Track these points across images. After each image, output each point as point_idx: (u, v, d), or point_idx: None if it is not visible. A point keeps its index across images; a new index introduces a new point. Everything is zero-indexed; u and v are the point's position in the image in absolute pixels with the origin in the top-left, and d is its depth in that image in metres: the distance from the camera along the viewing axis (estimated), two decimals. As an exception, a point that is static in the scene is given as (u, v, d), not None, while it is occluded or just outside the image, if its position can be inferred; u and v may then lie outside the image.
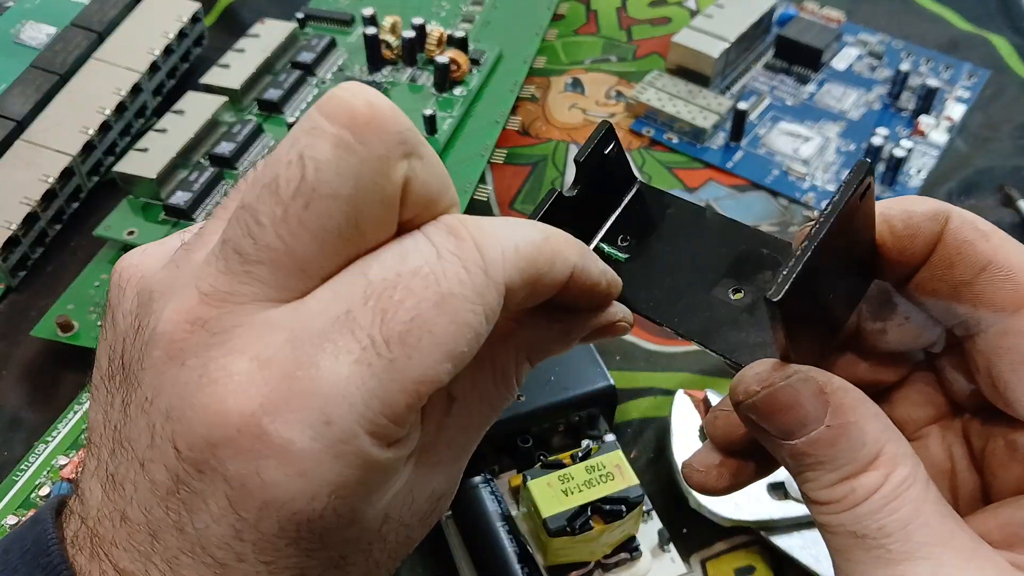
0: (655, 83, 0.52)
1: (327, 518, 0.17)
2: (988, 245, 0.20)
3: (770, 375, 0.20)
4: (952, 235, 0.20)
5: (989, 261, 0.20)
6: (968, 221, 0.21)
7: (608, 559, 0.33)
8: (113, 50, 0.47)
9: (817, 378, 0.20)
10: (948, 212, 0.21)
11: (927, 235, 0.21)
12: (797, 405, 0.19)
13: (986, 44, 0.56)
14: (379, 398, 0.17)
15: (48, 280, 0.43)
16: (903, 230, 0.21)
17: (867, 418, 0.19)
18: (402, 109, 0.18)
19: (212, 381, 0.16)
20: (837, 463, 0.19)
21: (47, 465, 0.35)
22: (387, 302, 0.17)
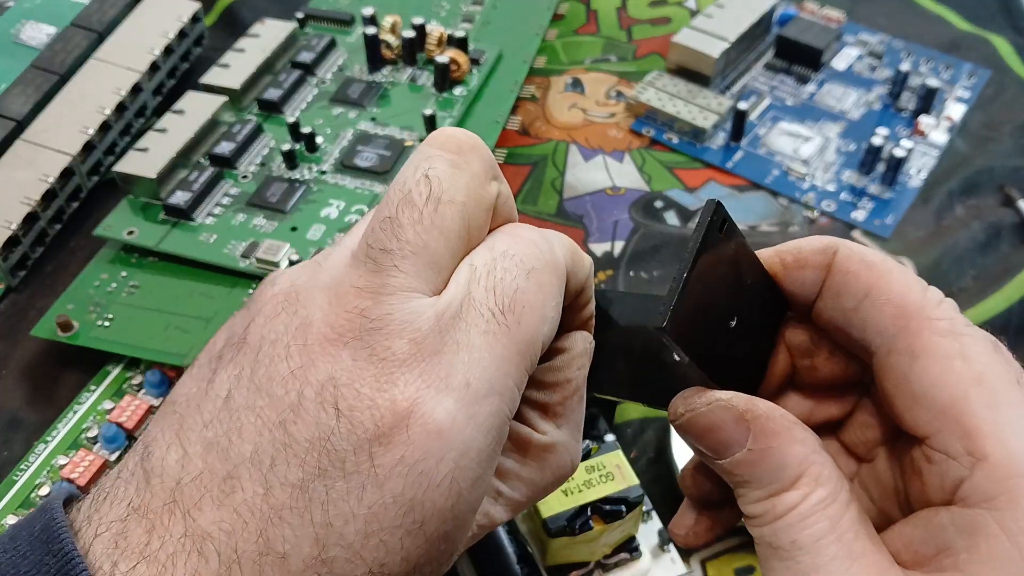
0: (655, 83, 0.52)
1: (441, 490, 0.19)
2: (871, 274, 0.22)
3: (693, 400, 0.22)
4: (838, 267, 0.23)
5: (871, 288, 0.22)
6: (855, 253, 0.23)
7: (608, 559, 0.33)
8: (113, 50, 0.47)
9: (738, 405, 0.22)
10: (836, 246, 0.23)
11: (816, 267, 0.23)
12: (718, 429, 0.22)
13: (986, 44, 0.56)
14: (504, 359, 0.20)
15: (48, 280, 0.43)
16: (793, 263, 0.23)
17: (790, 443, 0.21)
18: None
19: (381, 359, 0.20)
20: (761, 482, 0.21)
21: (47, 465, 0.35)
22: (492, 281, 0.21)
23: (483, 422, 0.20)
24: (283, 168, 0.44)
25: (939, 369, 0.21)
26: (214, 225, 0.41)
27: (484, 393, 0.20)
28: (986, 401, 0.20)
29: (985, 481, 0.20)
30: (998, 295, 0.42)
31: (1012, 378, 0.21)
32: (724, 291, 0.23)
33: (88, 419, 0.37)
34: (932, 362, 0.21)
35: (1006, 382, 0.21)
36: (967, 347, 0.21)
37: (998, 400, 0.20)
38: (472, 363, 0.20)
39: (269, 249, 0.40)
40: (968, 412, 0.20)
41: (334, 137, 0.46)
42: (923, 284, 0.22)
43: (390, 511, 0.19)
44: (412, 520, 0.19)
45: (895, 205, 0.47)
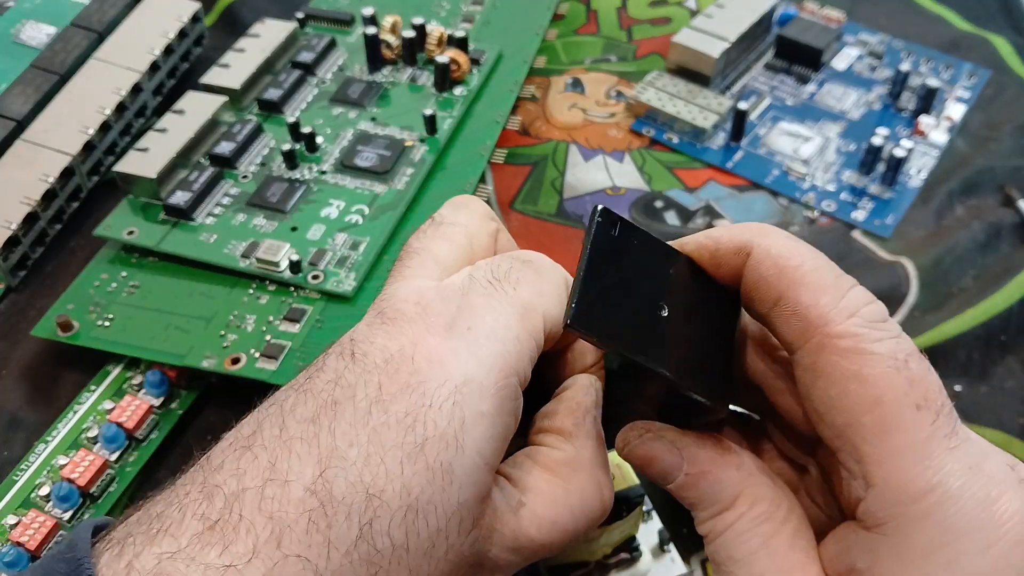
0: (655, 83, 0.52)
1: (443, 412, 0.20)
2: (780, 280, 0.22)
3: (627, 433, 0.25)
4: (751, 270, 0.22)
5: (780, 296, 0.22)
6: (770, 255, 0.22)
7: (608, 559, 0.32)
8: (113, 50, 0.47)
9: (667, 435, 0.24)
10: (750, 246, 0.23)
11: (731, 267, 0.23)
12: (654, 458, 0.24)
13: (986, 44, 0.56)
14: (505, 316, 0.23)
15: (48, 280, 0.43)
16: (709, 260, 0.24)
17: (724, 467, 0.23)
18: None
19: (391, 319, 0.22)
20: (705, 503, 0.23)
21: (47, 465, 0.35)
22: (491, 265, 0.24)
23: (484, 359, 0.22)
24: (283, 168, 0.44)
25: (836, 392, 0.21)
26: (214, 225, 0.41)
27: (485, 335, 0.22)
28: (877, 428, 0.20)
29: (876, 507, 0.20)
30: (998, 295, 0.42)
31: (911, 401, 0.20)
32: (642, 284, 0.23)
33: (88, 419, 0.37)
34: (830, 384, 0.21)
35: (903, 406, 0.20)
36: (865, 367, 0.20)
37: (889, 426, 0.20)
38: (473, 313, 0.22)
39: (269, 249, 0.40)
40: (859, 438, 0.20)
41: (334, 137, 0.45)
42: (840, 288, 0.21)
43: (392, 430, 0.20)
44: (412, 441, 0.20)
45: (895, 205, 0.47)
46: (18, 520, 0.33)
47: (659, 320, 0.23)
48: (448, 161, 0.45)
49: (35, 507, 0.34)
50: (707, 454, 0.23)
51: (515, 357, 0.22)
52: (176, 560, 0.19)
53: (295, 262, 0.39)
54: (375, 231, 0.41)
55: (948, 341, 0.41)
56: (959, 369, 0.40)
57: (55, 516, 0.34)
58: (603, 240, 0.23)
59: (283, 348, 0.37)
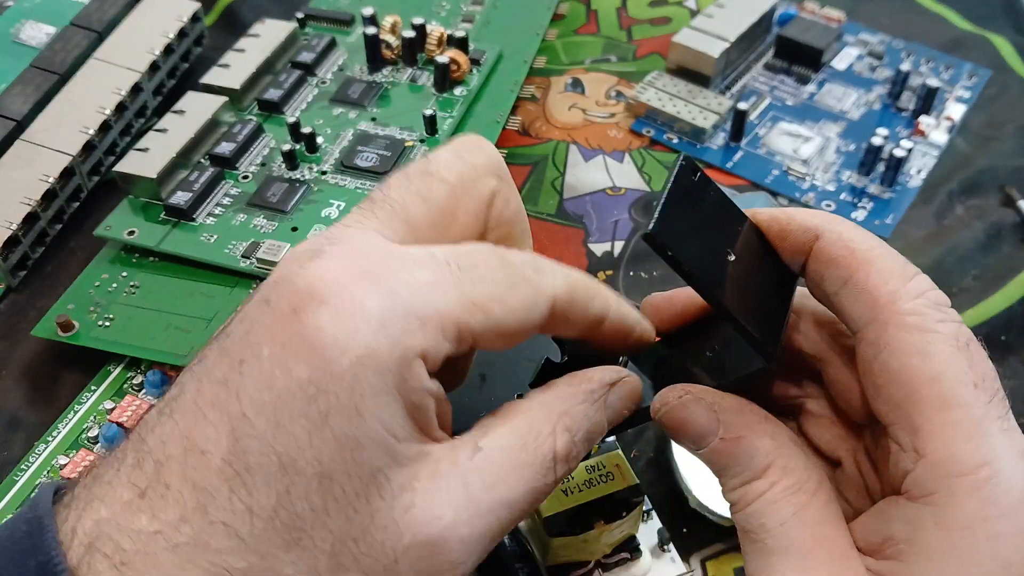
0: (655, 83, 0.52)
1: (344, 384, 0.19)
2: (851, 261, 0.23)
3: (667, 394, 0.24)
4: (820, 252, 0.23)
5: (850, 276, 0.23)
6: (840, 238, 0.23)
7: (608, 559, 0.33)
8: (113, 50, 0.47)
9: (707, 398, 0.24)
10: (820, 230, 0.24)
11: (797, 244, 0.24)
12: (691, 421, 0.24)
13: (987, 44, 0.56)
14: (439, 298, 0.20)
15: (48, 280, 0.43)
16: (777, 233, 0.25)
17: (760, 435, 0.23)
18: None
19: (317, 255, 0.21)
20: (735, 470, 0.23)
21: (47, 465, 0.35)
22: (462, 254, 0.22)
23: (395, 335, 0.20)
24: (283, 168, 0.44)
25: (898, 365, 0.21)
26: (214, 225, 0.41)
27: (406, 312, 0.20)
28: (936, 401, 0.21)
29: (925, 477, 0.21)
30: (999, 295, 0.42)
31: (969, 379, 0.21)
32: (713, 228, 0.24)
33: (89, 419, 0.37)
34: (893, 357, 0.22)
35: (961, 383, 0.21)
36: (929, 345, 0.21)
37: (947, 401, 0.21)
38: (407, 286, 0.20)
39: (270, 249, 0.40)
40: (917, 410, 0.21)
41: (334, 137, 0.45)
42: (906, 272, 0.22)
43: (296, 399, 0.19)
44: (316, 411, 0.19)
45: (895, 205, 0.47)
46: None
47: (726, 262, 0.23)
48: (448, 161, 0.45)
49: (35, 507, 0.34)
50: (744, 420, 0.23)
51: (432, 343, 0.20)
52: (110, 524, 0.20)
53: (295, 262, 0.39)
54: (375, 231, 0.41)
55: (948, 341, 0.40)
56: (959, 369, 0.40)
57: (55, 516, 0.34)
58: (684, 180, 0.24)
59: (283, 348, 0.37)
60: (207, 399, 0.20)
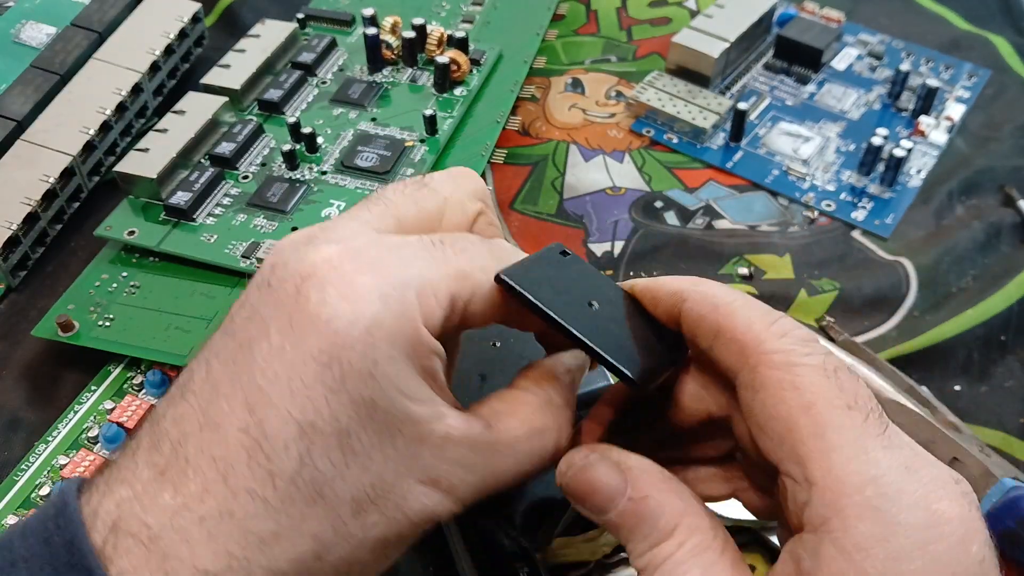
0: (655, 83, 0.52)
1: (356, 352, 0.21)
2: (717, 315, 0.24)
3: (571, 457, 0.24)
4: (690, 312, 0.24)
5: (719, 329, 0.24)
6: (704, 297, 0.24)
7: (608, 559, 0.33)
8: (113, 50, 0.47)
9: (613, 456, 0.24)
10: (685, 293, 0.25)
11: (668, 309, 0.25)
12: (599, 482, 0.24)
13: (987, 44, 0.56)
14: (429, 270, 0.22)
15: (48, 280, 0.43)
16: (650, 303, 0.26)
17: (666, 493, 0.23)
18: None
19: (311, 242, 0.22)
20: (642, 532, 0.23)
21: (47, 465, 0.35)
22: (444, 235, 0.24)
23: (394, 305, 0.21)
24: (284, 168, 0.44)
25: (773, 401, 0.22)
26: (215, 225, 0.41)
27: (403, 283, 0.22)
28: (813, 428, 0.21)
29: (819, 504, 0.21)
30: (998, 295, 0.42)
31: (842, 403, 0.21)
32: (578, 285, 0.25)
33: (89, 419, 0.37)
34: (767, 395, 0.22)
35: (834, 407, 0.21)
36: (798, 377, 0.22)
37: (824, 426, 0.21)
38: (401, 261, 0.22)
39: (270, 249, 0.40)
40: (798, 441, 0.21)
41: (334, 137, 0.46)
42: (769, 317, 0.23)
43: (310, 367, 0.21)
44: (332, 377, 0.21)
45: (895, 205, 0.47)
46: (18, 520, 0.33)
47: (587, 308, 0.25)
48: (448, 161, 0.45)
49: (35, 507, 0.34)
50: (651, 479, 0.23)
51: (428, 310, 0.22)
52: (133, 504, 0.21)
53: (295, 262, 0.39)
54: (375, 231, 0.41)
55: (948, 341, 0.41)
56: (959, 369, 0.40)
57: (56, 516, 0.34)
58: (551, 253, 0.26)
59: (283, 348, 0.37)
60: (218, 377, 0.21)
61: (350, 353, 0.21)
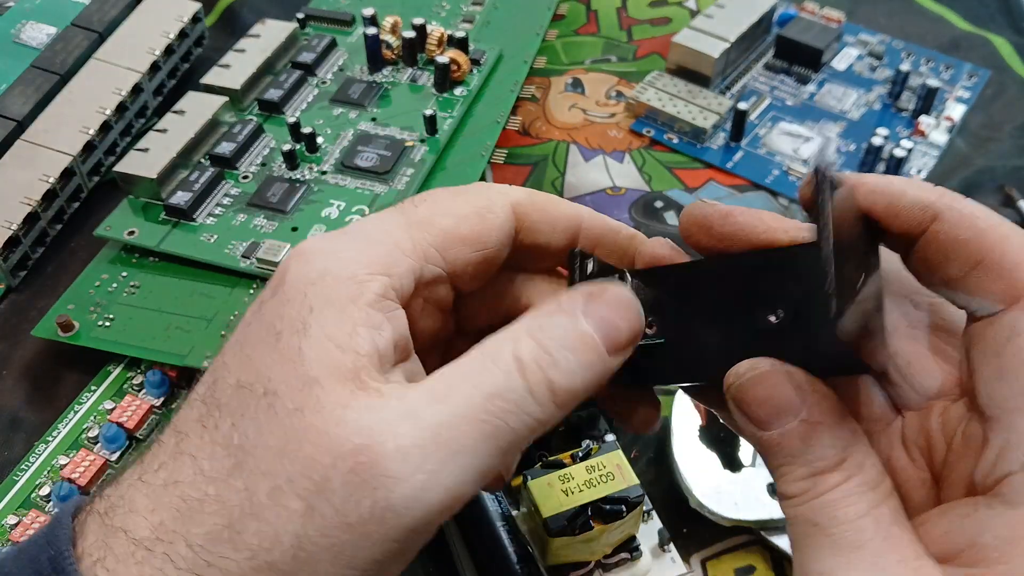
0: (655, 83, 0.52)
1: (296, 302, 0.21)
2: (983, 242, 0.21)
3: (759, 362, 0.21)
4: (943, 233, 0.21)
5: (982, 259, 0.21)
6: (965, 217, 0.21)
7: (608, 559, 0.32)
8: (114, 50, 0.47)
9: (800, 376, 0.21)
10: (938, 211, 0.21)
11: (910, 223, 0.21)
12: (775, 397, 0.21)
13: (987, 44, 0.56)
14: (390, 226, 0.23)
15: (48, 280, 0.43)
16: (884, 210, 0.22)
17: (840, 423, 0.21)
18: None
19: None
20: (805, 459, 0.21)
21: (47, 465, 0.35)
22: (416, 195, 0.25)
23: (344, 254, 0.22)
24: (284, 168, 0.44)
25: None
26: (215, 225, 0.41)
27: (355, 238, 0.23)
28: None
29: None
30: (998, 295, 0.42)
31: None
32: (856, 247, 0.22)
33: (89, 419, 0.37)
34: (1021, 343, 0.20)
35: None
36: None
37: None
38: (357, 225, 0.23)
39: (270, 249, 0.40)
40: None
41: (335, 137, 0.46)
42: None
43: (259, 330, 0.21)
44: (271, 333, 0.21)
45: (895, 205, 0.47)
46: (18, 520, 0.33)
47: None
48: (448, 161, 0.45)
49: (35, 507, 0.34)
50: (828, 406, 0.21)
51: (385, 257, 0.22)
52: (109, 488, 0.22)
53: (295, 262, 0.39)
54: (375, 231, 0.41)
55: (948, 341, 0.40)
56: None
57: (56, 516, 0.34)
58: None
59: (283, 348, 0.37)
60: (207, 372, 0.22)
61: (288, 306, 0.21)
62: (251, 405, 0.20)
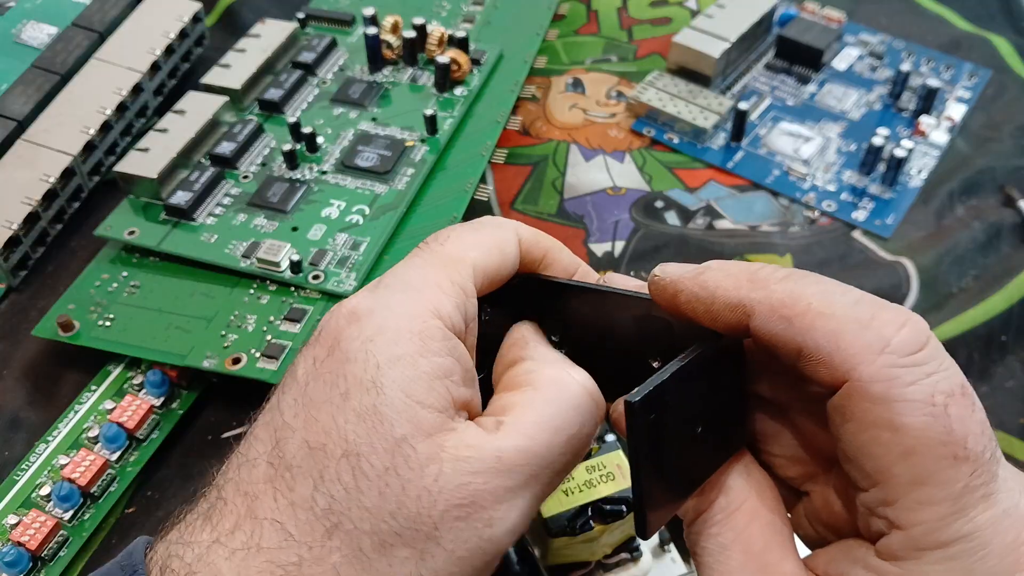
0: (656, 83, 0.52)
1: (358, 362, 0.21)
2: (795, 331, 0.20)
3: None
4: (760, 330, 0.21)
5: (799, 349, 0.20)
6: (775, 309, 0.20)
7: (608, 559, 0.33)
8: (114, 50, 0.47)
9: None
10: (749, 306, 0.21)
11: (731, 323, 0.21)
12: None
13: (987, 44, 0.56)
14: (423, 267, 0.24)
15: (49, 280, 0.43)
16: (704, 314, 0.22)
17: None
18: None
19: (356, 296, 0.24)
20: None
21: (47, 465, 0.35)
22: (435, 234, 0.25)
23: (395, 307, 0.22)
24: (284, 168, 0.44)
25: (867, 438, 0.19)
26: (215, 225, 0.41)
27: (399, 288, 0.23)
28: (910, 478, 0.19)
29: (897, 546, 0.19)
30: (999, 295, 0.42)
31: (948, 452, 0.19)
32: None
33: (89, 419, 0.37)
34: (860, 428, 0.19)
35: (939, 457, 0.19)
36: (899, 416, 0.19)
37: (923, 478, 0.19)
38: (392, 274, 0.24)
39: (270, 249, 0.40)
40: (889, 484, 0.19)
41: (335, 137, 0.46)
42: (860, 320, 0.20)
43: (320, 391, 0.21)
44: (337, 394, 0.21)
45: (896, 205, 0.47)
46: (19, 520, 0.33)
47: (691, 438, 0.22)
48: (449, 161, 0.45)
49: (36, 507, 0.34)
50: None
51: (432, 302, 0.23)
52: (178, 546, 0.21)
53: (296, 262, 0.39)
54: (375, 231, 0.41)
55: (948, 341, 0.40)
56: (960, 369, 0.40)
57: (56, 516, 0.34)
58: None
59: (284, 348, 0.37)
60: (259, 424, 0.22)
61: (352, 366, 0.21)
62: (330, 467, 0.20)
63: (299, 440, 0.21)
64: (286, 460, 0.21)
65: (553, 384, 0.23)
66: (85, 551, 0.34)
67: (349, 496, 0.20)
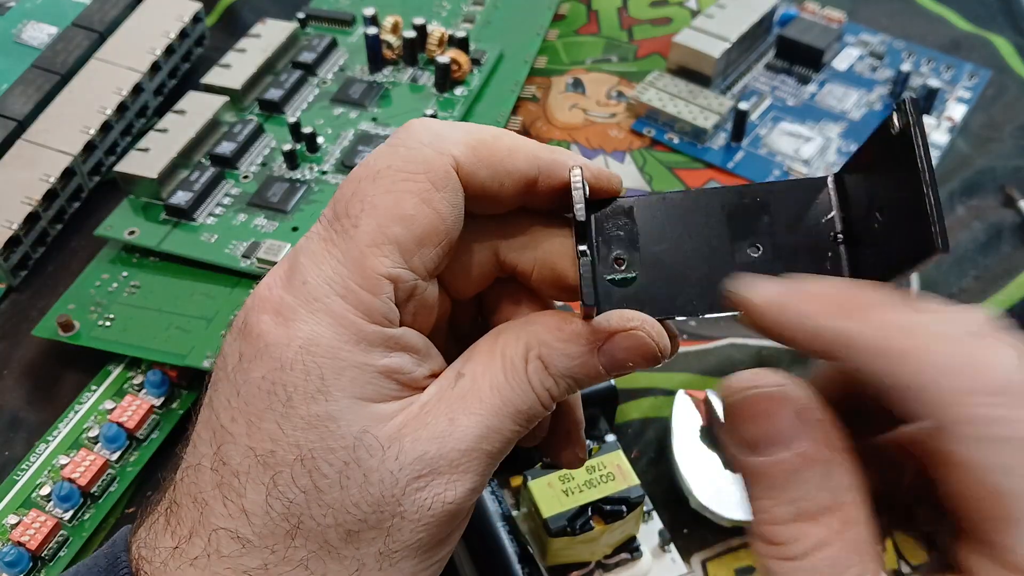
0: (656, 83, 0.52)
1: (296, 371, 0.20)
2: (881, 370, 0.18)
3: (761, 378, 0.19)
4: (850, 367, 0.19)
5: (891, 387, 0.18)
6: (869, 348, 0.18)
7: (609, 559, 0.33)
8: (114, 50, 0.47)
9: (803, 401, 0.19)
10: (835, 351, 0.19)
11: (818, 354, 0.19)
12: (775, 416, 0.19)
13: (987, 44, 0.56)
14: (342, 262, 0.21)
15: (49, 280, 0.43)
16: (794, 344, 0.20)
17: (841, 464, 0.18)
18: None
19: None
20: (792, 496, 0.18)
21: (47, 465, 0.35)
22: (337, 194, 0.22)
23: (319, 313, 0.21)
24: (284, 168, 0.44)
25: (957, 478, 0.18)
26: (215, 225, 0.41)
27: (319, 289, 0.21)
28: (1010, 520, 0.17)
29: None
30: (999, 295, 0.42)
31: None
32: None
33: (89, 419, 0.37)
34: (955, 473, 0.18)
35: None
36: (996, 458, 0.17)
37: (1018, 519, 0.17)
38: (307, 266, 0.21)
39: (270, 249, 0.40)
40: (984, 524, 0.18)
41: (335, 137, 0.46)
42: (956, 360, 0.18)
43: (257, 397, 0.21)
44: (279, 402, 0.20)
45: (896, 205, 0.47)
46: (19, 520, 0.33)
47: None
48: (449, 161, 0.45)
49: (36, 507, 0.34)
50: (836, 441, 0.19)
51: (356, 304, 0.21)
52: (146, 545, 0.21)
53: (296, 262, 0.39)
54: (376, 231, 0.41)
55: (949, 341, 0.40)
56: (960, 369, 0.40)
57: (56, 516, 0.34)
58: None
59: (284, 348, 0.37)
60: (200, 421, 0.22)
61: (290, 375, 0.20)
62: (283, 473, 0.20)
63: (243, 447, 0.21)
64: (231, 467, 0.21)
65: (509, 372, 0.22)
66: (85, 551, 0.34)
67: (308, 497, 0.20)
